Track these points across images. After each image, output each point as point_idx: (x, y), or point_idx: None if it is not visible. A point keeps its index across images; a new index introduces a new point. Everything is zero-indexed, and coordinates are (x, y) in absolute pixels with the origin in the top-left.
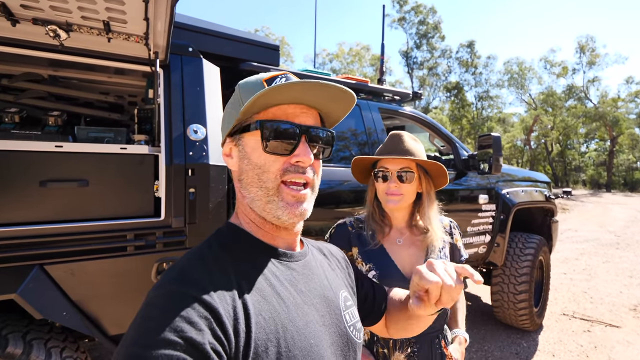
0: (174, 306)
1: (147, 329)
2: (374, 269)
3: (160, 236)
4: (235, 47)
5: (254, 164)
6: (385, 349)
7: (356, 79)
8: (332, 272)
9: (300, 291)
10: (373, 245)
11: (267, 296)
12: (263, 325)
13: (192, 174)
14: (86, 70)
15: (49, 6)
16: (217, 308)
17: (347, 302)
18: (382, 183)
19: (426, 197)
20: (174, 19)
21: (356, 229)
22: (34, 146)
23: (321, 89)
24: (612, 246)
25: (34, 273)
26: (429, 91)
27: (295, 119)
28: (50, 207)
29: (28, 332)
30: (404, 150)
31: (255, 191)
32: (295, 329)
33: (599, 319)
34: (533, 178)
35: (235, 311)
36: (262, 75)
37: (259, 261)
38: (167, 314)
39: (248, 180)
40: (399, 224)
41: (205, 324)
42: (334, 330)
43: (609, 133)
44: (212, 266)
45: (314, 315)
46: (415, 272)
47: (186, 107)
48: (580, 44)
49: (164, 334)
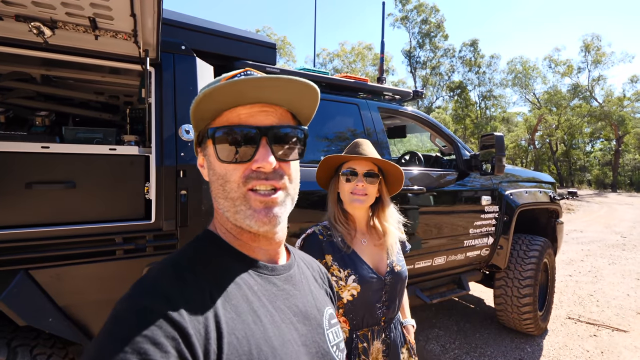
0: (139, 323)
1: (108, 348)
2: (353, 274)
3: (150, 240)
4: (229, 45)
5: (217, 174)
6: (364, 342)
7: (355, 77)
8: (318, 287)
9: (278, 308)
10: (346, 250)
11: (242, 313)
12: (236, 345)
13: (183, 175)
14: (79, 70)
15: (32, 2)
16: (186, 327)
17: (332, 320)
18: (348, 183)
19: (385, 200)
20: (161, 15)
21: (326, 237)
22: (20, 147)
23: (273, 83)
24: (619, 247)
25: (18, 278)
26: (432, 91)
27: (251, 119)
28: (36, 210)
29: (13, 339)
30: (370, 154)
31: (222, 202)
32: (270, 349)
33: (606, 323)
34: (537, 179)
35: (207, 330)
36: (223, 75)
37: (236, 274)
38: (131, 333)
39: (215, 192)
40: (361, 226)
41: (171, 344)
42: (315, 350)
43: (614, 132)
44: (186, 278)
45: (292, 335)
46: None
47: (178, 107)
48: (586, 42)
49: (125, 356)
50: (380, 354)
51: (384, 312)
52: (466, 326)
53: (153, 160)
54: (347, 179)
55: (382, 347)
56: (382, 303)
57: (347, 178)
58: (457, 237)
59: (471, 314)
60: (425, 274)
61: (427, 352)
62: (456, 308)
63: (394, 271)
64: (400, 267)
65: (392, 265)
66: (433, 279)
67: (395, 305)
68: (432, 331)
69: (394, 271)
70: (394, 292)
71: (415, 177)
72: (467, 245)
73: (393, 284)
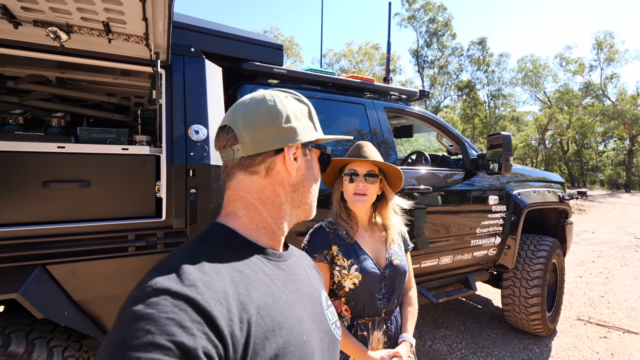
0: (164, 307)
1: (135, 330)
2: (355, 263)
3: (161, 237)
4: (237, 47)
5: (315, 176)
6: (364, 331)
7: (361, 77)
8: (312, 274)
9: (290, 291)
10: (349, 240)
11: (263, 294)
12: (261, 323)
13: (193, 174)
14: (92, 72)
15: (49, 7)
16: (210, 310)
17: (327, 302)
18: (350, 183)
19: (388, 196)
20: (172, 18)
21: (332, 229)
22: (37, 147)
23: None
24: (631, 249)
25: (36, 273)
26: (440, 90)
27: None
28: (53, 208)
29: (31, 331)
30: (371, 156)
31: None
32: (289, 325)
33: (617, 324)
34: (546, 178)
35: (230, 311)
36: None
37: (251, 260)
38: (156, 315)
39: (306, 188)
40: (363, 222)
41: (197, 328)
42: (321, 327)
43: (628, 131)
44: (203, 264)
45: (304, 313)
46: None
47: (188, 108)
48: (598, 40)
49: (153, 338)
50: (381, 344)
51: (384, 304)
52: (473, 326)
53: (164, 159)
54: (349, 180)
55: (384, 339)
56: (382, 295)
57: (349, 179)
58: (463, 236)
59: (478, 314)
60: (432, 273)
61: (434, 352)
62: (463, 308)
63: (393, 264)
64: (399, 261)
65: (390, 259)
66: (439, 278)
67: (394, 298)
68: (439, 331)
69: (392, 264)
70: (393, 284)
71: (422, 177)
72: (473, 244)
73: (392, 276)
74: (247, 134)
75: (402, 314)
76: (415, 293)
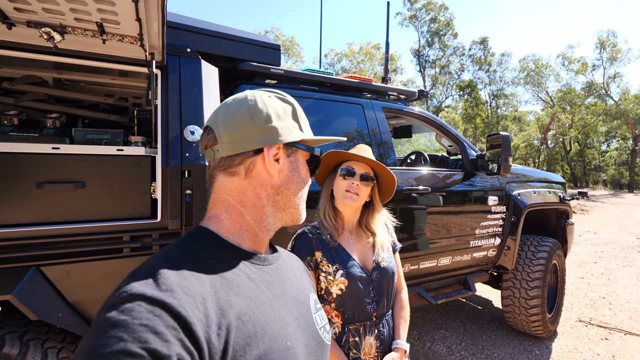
0: (138, 314)
1: (107, 337)
2: (340, 268)
3: (156, 238)
4: (234, 47)
5: (302, 178)
6: (356, 337)
7: (359, 77)
8: (301, 276)
9: (275, 294)
10: (333, 244)
11: (245, 299)
12: (241, 329)
13: (188, 175)
14: (90, 73)
15: (42, 8)
16: (186, 316)
17: (316, 305)
18: (344, 180)
19: (376, 206)
20: (166, 19)
21: (316, 235)
22: (31, 148)
23: None
24: (634, 249)
25: (30, 274)
26: (442, 90)
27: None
28: (47, 209)
29: (26, 333)
30: (370, 158)
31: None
32: (272, 331)
33: (618, 326)
34: (546, 179)
35: (208, 317)
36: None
37: (233, 264)
38: (130, 322)
39: (291, 190)
40: (349, 224)
41: (172, 334)
42: (307, 332)
43: (631, 131)
44: (183, 269)
45: (289, 318)
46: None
47: (183, 108)
48: (601, 39)
49: (125, 345)
50: (374, 349)
51: (374, 307)
52: (473, 327)
53: (159, 160)
54: (344, 177)
55: (376, 343)
56: (371, 299)
57: (344, 176)
58: (462, 237)
59: (478, 315)
60: (431, 274)
61: (433, 353)
62: (463, 309)
63: (380, 267)
64: (387, 263)
65: (377, 261)
66: (438, 279)
67: (384, 301)
68: (439, 332)
69: (380, 266)
70: (381, 287)
71: (421, 177)
72: (473, 245)
73: (380, 279)
74: (227, 134)
75: (394, 318)
76: (406, 295)
